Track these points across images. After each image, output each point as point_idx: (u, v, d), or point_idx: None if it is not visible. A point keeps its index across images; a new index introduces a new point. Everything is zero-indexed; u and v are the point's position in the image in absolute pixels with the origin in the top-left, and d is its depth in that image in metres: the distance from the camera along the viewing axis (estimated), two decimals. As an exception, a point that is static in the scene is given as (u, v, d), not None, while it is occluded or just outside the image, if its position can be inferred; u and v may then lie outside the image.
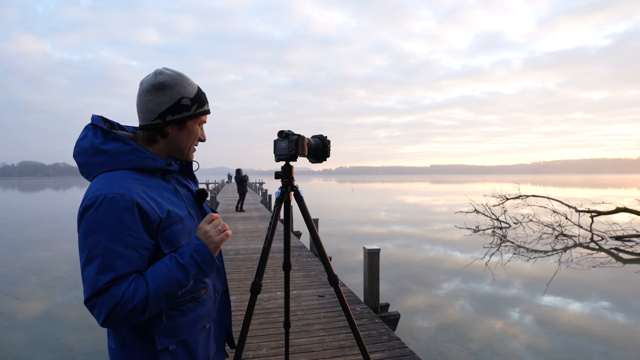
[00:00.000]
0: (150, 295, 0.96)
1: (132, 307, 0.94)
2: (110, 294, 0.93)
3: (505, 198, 17.00)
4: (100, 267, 0.94)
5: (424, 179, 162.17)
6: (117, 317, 0.94)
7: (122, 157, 1.07)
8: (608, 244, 12.59)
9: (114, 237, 0.96)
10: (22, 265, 9.72)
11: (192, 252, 1.05)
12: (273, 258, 6.66)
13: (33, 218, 20.54)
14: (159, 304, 0.99)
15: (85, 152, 1.09)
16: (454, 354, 4.86)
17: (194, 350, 1.13)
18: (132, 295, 0.94)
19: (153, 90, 1.10)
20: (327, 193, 46.65)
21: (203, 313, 1.17)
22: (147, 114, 1.11)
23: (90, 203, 0.98)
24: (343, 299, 1.81)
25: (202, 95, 1.17)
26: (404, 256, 10.81)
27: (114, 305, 0.92)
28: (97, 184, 1.02)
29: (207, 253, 1.06)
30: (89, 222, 0.97)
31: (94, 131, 1.10)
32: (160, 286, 0.98)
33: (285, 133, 1.76)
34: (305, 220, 1.87)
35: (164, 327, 1.07)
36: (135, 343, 1.07)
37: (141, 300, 0.95)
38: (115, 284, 0.94)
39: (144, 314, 0.97)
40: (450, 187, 66.68)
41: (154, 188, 1.09)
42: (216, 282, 1.27)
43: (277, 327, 3.70)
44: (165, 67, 1.15)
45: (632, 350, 5.01)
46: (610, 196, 30.83)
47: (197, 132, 1.19)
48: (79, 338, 5.26)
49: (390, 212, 23.01)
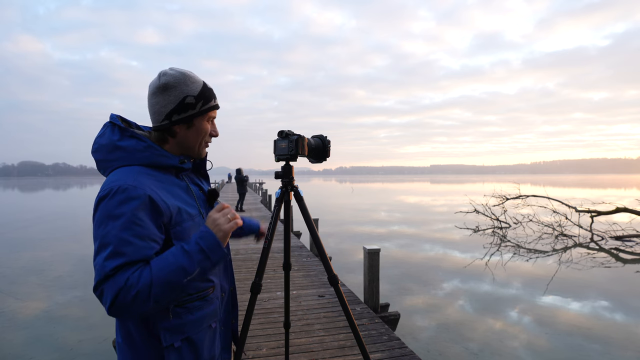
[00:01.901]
0: (154, 282, 0.96)
1: (135, 294, 0.93)
2: (115, 280, 0.94)
3: (505, 198, 17.00)
4: (110, 254, 0.95)
5: (423, 179, 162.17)
6: (122, 304, 0.93)
7: (137, 153, 1.10)
8: (608, 244, 12.59)
9: (125, 226, 0.97)
10: (22, 265, 9.72)
11: (198, 238, 1.04)
12: (273, 258, 6.67)
13: (33, 218, 20.54)
14: (164, 293, 0.98)
15: (102, 149, 1.12)
16: (454, 353, 4.86)
17: (199, 348, 1.13)
18: (136, 282, 0.94)
19: (158, 92, 1.13)
20: (327, 193, 46.65)
21: (210, 312, 1.17)
22: (155, 116, 1.15)
23: (105, 194, 1.00)
24: (343, 299, 1.81)
25: (207, 92, 1.18)
26: (404, 256, 10.81)
27: (118, 291, 0.93)
28: (112, 177, 1.05)
29: (213, 239, 1.04)
30: (103, 211, 0.99)
31: (111, 129, 1.13)
32: (164, 273, 0.98)
33: (285, 133, 1.76)
34: (305, 220, 1.87)
35: (171, 324, 1.08)
36: (141, 339, 1.08)
37: (145, 287, 0.95)
38: (121, 270, 0.95)
39: (148, 302, 0.95)
40: (450, 187, 66.68)
41: (167, 184, 1.12)
42: (223, 281, 1.27)
43: (277, 327, 3.70)
44: (170, 68, 1.16)
45: (632, 350, 5.01)
46: (610, 196, 30.82)
47: (206, 128, 1.20)
48: (79, 338, 5.27)
49: (390, 212, 23.01)
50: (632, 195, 36.38)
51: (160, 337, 1.07)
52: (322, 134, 1.93)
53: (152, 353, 1.08)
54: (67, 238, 13.91)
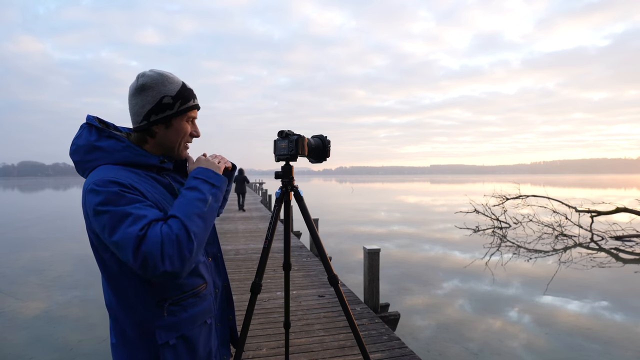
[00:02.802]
0: (184, 221, 0.97)
1: (176, 237, 0.94)
2: (149, 237, 0.92)
3: (505, 198, 17.00)
4: (130, 222, 0.94)
5: (423, 179, 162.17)
6: (172, 253, 0.93)
7: (116, 153, 1.10)
8: (608, 244, 12.59)
9: (130, 203, 0.98)
10: (22, 265, 9.71)
11: (193, 176, 1.11)
12: (273, 258, 6.66)
13: (33, 218, 20.54)
14: (198, 227, 1.00)
15: (80, 150, 1.11)
16: (453, 353, 4.86)
17: (194, 344, 1.14)
18: (170, 229, 0.95)
19: (136, 93, 1.14)
20: (327, 193, 46.64)
21: (204, 308, 1.18)
22: (134, 117, 1.16)
23: (93, 188, 0.99)
24: (343, 299, 1.81)
25: (185, 92, 1.18)
26: (403, 256, 10.80)
27: (160, 244, 0.92)
28: (93, 176, 1.04)
29: (208, 171, 1.13)
30: (101, 202, 0.97)
31: (89, 130, 1.13)
32: (188, 210, 1.00)
33: (285, 133, 1.76)
34: (305, 220, 1.87)
35: (165, 322, 1.08)
36: (137, 338, 1.08)
37: (179, 228, 0.96)
38: (149, 226, 0.94)
39: (192, 243, 0.96)
40: (450, 187, 66.66)
41: (148, 180, 1.13)
42: (216, 278, 1.29)
43: (277, 327, 3.70)
44: (150, 69, 1.17)
45: (632, 350, 5.01)
46: (610, 196, 30.82)
47: (186, 129, 1.20)
48: (79, 338, 5.26)
49: (390, 212, 23.01)
50: (632, 195, 36.37)
51: (155, 336, 1.07)
52: (322, 134, 1.93)
53: (147, 352, 1.08)
54: (67, 238, 13.91)
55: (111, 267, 1.05)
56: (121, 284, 1.06)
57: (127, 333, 1.08)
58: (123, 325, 1.08)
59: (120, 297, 1.07)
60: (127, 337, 1.08)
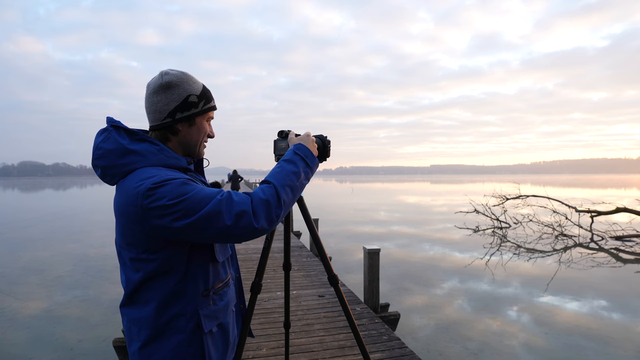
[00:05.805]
0: (278, 188, 1.05)
1: (267, 200, 1.01)
2: (237, 200, 0.98)
3: (505, 198, 17.00)
4: (212, 194, 0.98)
5: (423, 179, 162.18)
6: (262, 214, 0.99)
7: (151, 156, 1.08)
8: (608, 244, 12.59)
9: (200, 187, 1.01)
10: (22, 265, 9.72)
11: (294, 150, 1.21)
12: (273, 258, 6.67)
13: (33, 218, 20.54)
14: (287, 197, 1.07)
15: (110, 154, 1.06)
16: (453, 353, 4.86)
17: (227, 331, 1.21)
18: (262, 193, 1.03)
19: (161, 90, 1.13)
20: (327, 193, 46.63)
21: (232, 296, 1.26)
22: (157, 114, 1.14)
23: (152, 187, 0.96)
24: (343, 299, 1.81)
25: (207, 92, 1.21)
26: (403, 256, 10.80)
27: (251, 203, 0.99)
28: (143, 175, 1.01)
29: (307, 150, 1.23)
30: (171, 196, 0.95)
31: (117, 133, 1.09)
32: (283, 180, 1.09)
33: (285, 133, 1.76)
34: (305, 220, 1.86)
35: (210, 311, 1.12)
36: (182, 330, 1.07)
37: (273, 195, 1.04)
38: (230, 193, 1.00)
39: (280, 209, 1.03)
40: (450, 187, 66.67)
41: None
42: (230, 269, 1.33)
43: (277, 327, 3.70)
44: (170, 68, 1.18)
45: (631, 350, 5.01)
46: (610, 196, 30.83)
47: (206, 128, 1.22)
48: (79, 338, 5.26)
49: (390, 212, 23.00)
50: (632, 195, 36.38)
51: (202, 324, 1.09)
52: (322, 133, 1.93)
53: (193, 342, 1.08)
54: (67, 238, 13.91)
55: (164, 263, 1.03)
56: (171, 279, 1.05)
57: (169, 327, 1.06)
58: (163, 321, 1.05)
59: (167, 293, 1.05)
60: (168, 331, 1.06)
